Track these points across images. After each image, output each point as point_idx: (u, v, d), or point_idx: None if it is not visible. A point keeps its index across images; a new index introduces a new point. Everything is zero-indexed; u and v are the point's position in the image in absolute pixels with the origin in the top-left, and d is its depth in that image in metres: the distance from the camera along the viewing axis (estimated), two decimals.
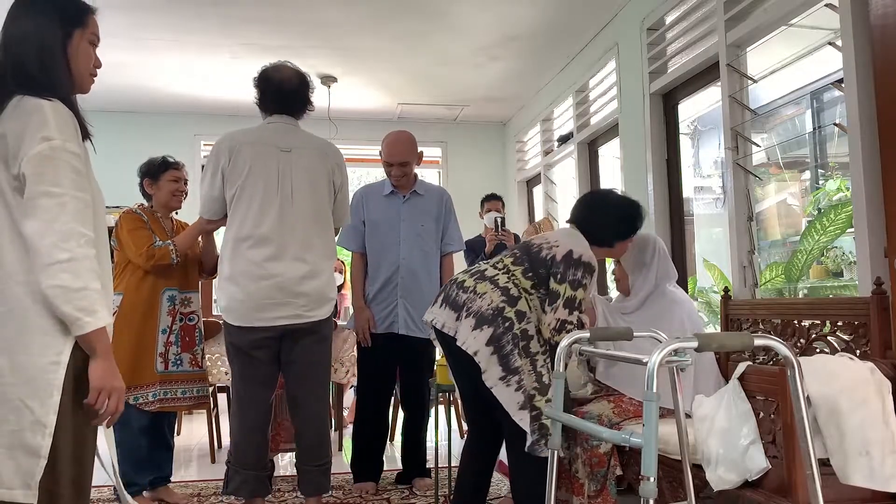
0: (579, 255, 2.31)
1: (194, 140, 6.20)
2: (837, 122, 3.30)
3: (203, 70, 5.14)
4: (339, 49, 4.76)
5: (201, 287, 3.35)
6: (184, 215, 3.44)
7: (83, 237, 1.46)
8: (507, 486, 3.37)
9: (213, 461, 4.04)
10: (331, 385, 3.95)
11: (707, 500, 2.03)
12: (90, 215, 1.52)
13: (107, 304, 1.54)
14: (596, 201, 2.56)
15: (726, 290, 2.98)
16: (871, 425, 1.82)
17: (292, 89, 2.73)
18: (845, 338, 2.28)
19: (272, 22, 4.31)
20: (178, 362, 3.10)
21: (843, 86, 2.49)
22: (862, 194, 2.36)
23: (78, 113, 1.57)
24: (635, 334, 2.03)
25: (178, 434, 4.15)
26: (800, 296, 3.43)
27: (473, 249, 4.33)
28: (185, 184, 3.28)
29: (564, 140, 5.31)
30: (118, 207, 3.53)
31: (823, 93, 4.01)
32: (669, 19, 3.79)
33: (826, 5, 2.61)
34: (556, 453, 1.95)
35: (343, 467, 3.76)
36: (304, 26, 4.38)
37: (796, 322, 2.49)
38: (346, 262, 4.66)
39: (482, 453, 2.51)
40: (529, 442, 2.24)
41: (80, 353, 1.49)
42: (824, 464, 1.82)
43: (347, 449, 4.20)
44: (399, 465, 3.56)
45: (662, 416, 2.14)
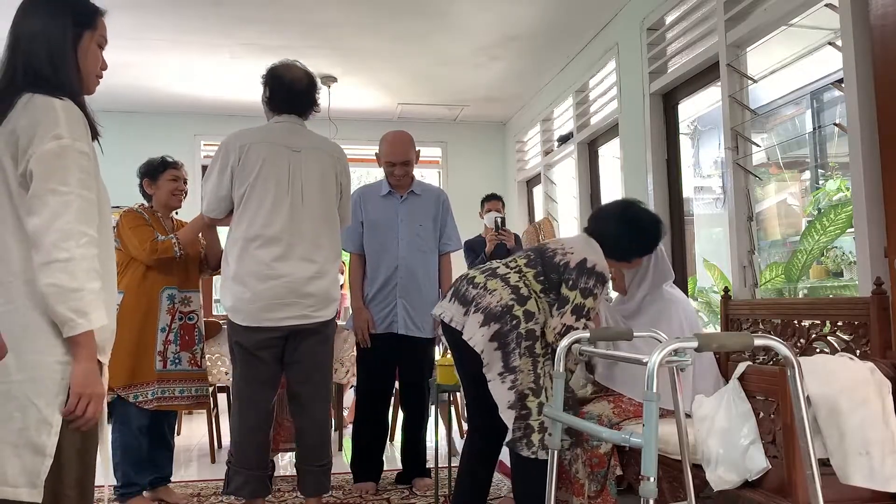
0: (593, 264, 2.30)
1: (194, 140, 6.20)
2: (837, 122, 3.30)
3: (203, 70, 5.14)
4: (339, 49, 4.76)
5: (202, 287, 3.35)
6: (184, 215, 3.43)
7: (84, 237, 1.45)
8: (508, 485, 3.37)
9: (213, 461, 4.04)
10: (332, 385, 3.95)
11: (707, 500, 2.03)
12: (95, 215, 1.51)
13: (108, 305, 1.53)
14: (617, 216, 2.47)
15: (726, 290, 2.98)
16: (871, 425, 1.82)
17: (302, 90, 2.73)
18: (845, 338, 2.28)
19: (272, 22, 4.31)
20: (177, 361, 3.10)
21: (843, 86, 2.49)
22: (862, 194, 2.37)
23: (87, 113, 1.56)
24: (635, 334, 2.04)
25: (178, 434, 4.15)
26: (800, 296, 3.43)
27: (473, 249, 4.32)
28: (185, 183, 3.29)
29: (564, 140, 5.31)
30: (118, 207, 3.51)
31: (823, 93, 4.01)
32: (669, 19, 3.79)
33: (826, 5, 2.61)
34: (556, 453, 1.95)
35: (343, 467, 3.76)
36: (303, 26, 4.38)
37: (796, 322, 2.49)
38: (346, 263, 4.67)
39: (482, 453, 2.51)
40: (509, 438, 2.27)
41: None
42: (824, 464, 1.82)
43: (347, 449, 4.20)
44: (399, 465, 3.56)
45: (662, 416, 2.14)
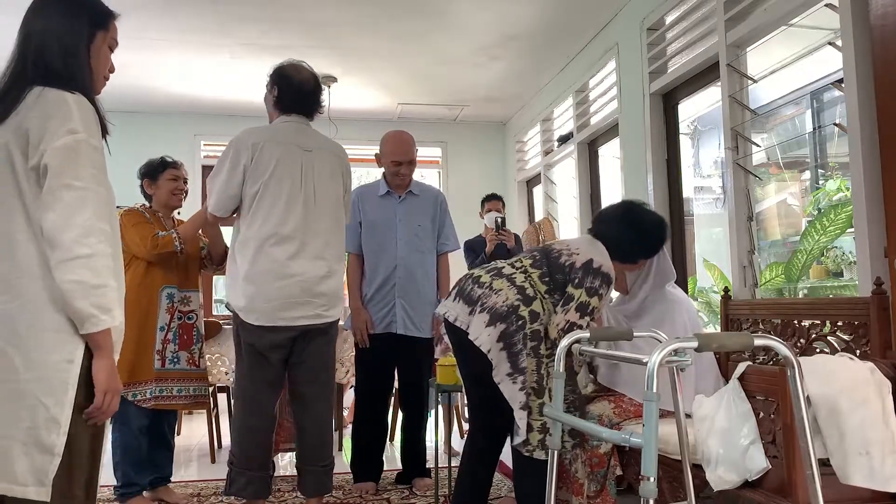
0: (599, 265, 2.31)
1: (194, 140, 6.20)
2: (837, 122, 3.30)
3: (203, 70, 5.14)
4: (339, 49, 4.76)
5: (202, 287, 3.35)
6: (185, 215, 3.43)
7: (103, 233, 1.45)
8: (508, 485, 3.37)
9: (213, 461, 4.04)
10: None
11: (707, 500, 2.03)
12: (108, 211, 1.51)
13: (121, 303, 1.53)
14: (621, 218, 2.48)
15: (726, 290, 2.98)
16: (871, 425, 1.82)
17: (310, 90, 2.76)
18: (845, 338, 2.28)
19: (272, 22, 4.31)
20: (176, 360, 3.10)
21: (843, 86, 2.49)
22: (862, 194, 2.36)
23: (99, 110, 1.56)
24: (635, 334, 2.04)
25: (177, 434, 4.15)
26: (800, 296, 3.43)
27: (473, 249, 4.32)
28: (185, 182, 3.28)
29: (564, 140, 5.31)
30: (119, 207, 3.52)
31: (823, 93, 4.01)
32: (669, 19, 3.79)
33: (826, 5, 2.61)
34: (556, 453, 1.95)
35: (343, 467, 3.76)
36: (303, 26, 4.38)
37: (796, 322, 2.49)
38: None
39: (483, 453, 2.50)
40: (519, 440, 2.26)
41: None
42: (824, 464, 1.81)
43: (347, 449, 4.19)
44: (399, 465, 3.56)
45: (662, 416, 2.14)
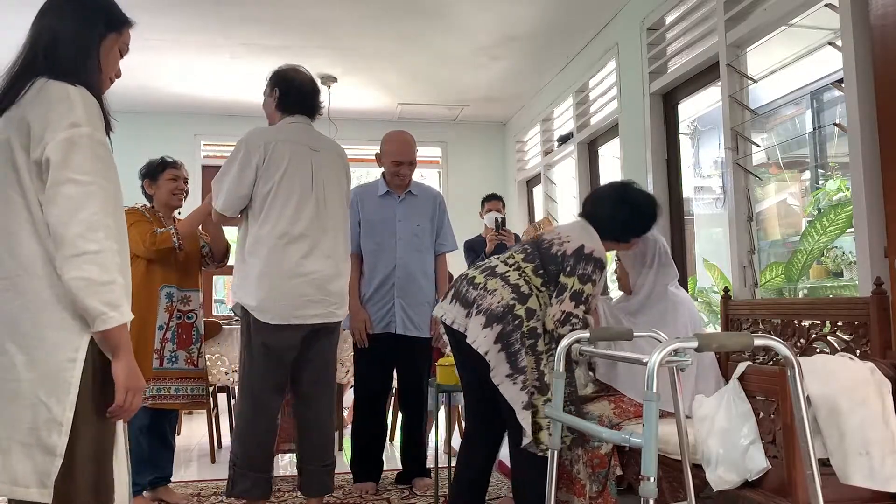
0: (590, 250, 2.30)
1: (194, 140, 6.20)
2: (837, 122, 3.30)
3: (203, 70, 5.14)
4: (339, 49, 4.76)
5: (202, 287, 3.34)
6: (185, 215, 3.43)
7: (109, 229, 1.41)
8: (508, 485, 3.37)
9: (213, 461, 4.04)
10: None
11: (707, 500, 2.03)
12: (114, 206, 1.48)
13: (129, 299, 1.49)
14: (614, 196, 2.48)
15: (726, 290, 2.98)
16: (871, 425, 1.82)
17: (310, 90, 2.81)
18: (845, 338, 2.28)
19: (272, 22, 4.31)
20: (174, 360, 3.10)
21: (843, 86, 2.49)
22: (862, 194, 2.36)
23: (104, 106, 1.55)
24: (635, 334, 2.03)
25: (178, 434, 4.15)
26: (800, 296, 3.43)
27: (473, 249, 4.32)
28: (185, 182, 3.28)
29: (564, 140, 5.31)
30: None
31: (823, 93, 4.01)
32: (669, 19, 3.79)
33: (826, 5, 2.61)
34: (556, 453, 1.95)
35: (343, 467, 3.76)
36: (304, 26, 4.37)
37: (796, 322, 2.49)
38: None
39: (480, 453, 2.50)
40: (527, 441, 2.25)
41: (99, 350, 1.44)
42: (824, 464, 1.81)
43: (347, 449, 4.19)
44: (399, 465, 3.56)
45: (662, 416, 2.14)
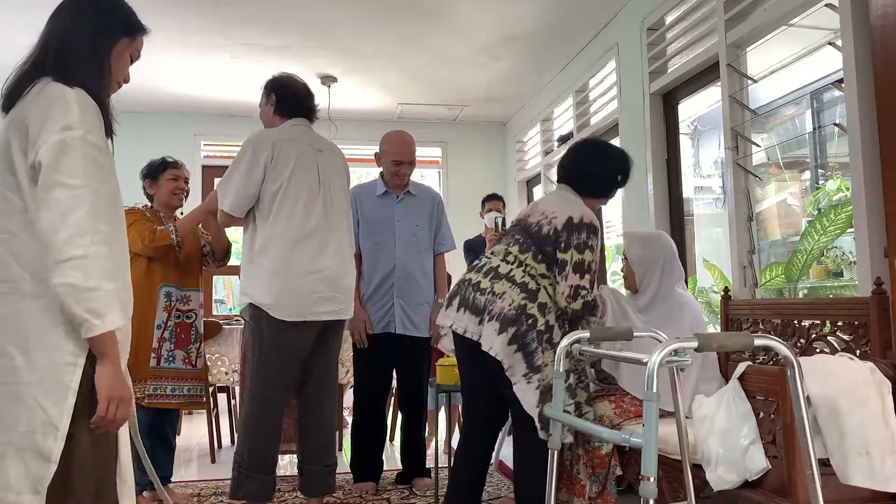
0: (579, 217, 2.29)
1: (194, 140, 6.20)
2: (837, 122, 3.30)
3: (203, 70, 5.14)
4: (339, 49, 4.76)
5: (202, 286, 3.34)
6: None
7: (98, 234, 1.38)
8: (507, 486, 3.37)
9: (213, 461, 4.04)
10: None
11: (707, 500, 2.03)
12: (107, 211, 1.45)
13: (122, 305, 1.47)
14: (588, 151, 2.52)
15: (726, 290, 2.98)
16: (871, 425, 1.82)
17: (306, 94, 2.86)
18: (845, 338, 2.28)
19: (272, 22, 4.31)
20: (171, 359, 3.10)
21: (843, 86, 2.49)
22: (862, 194, 2.36)
23: (108, 109, 1.55)
24: (635, 334, 2.03)
25: (178, 434, 4.14)
26: (800, 296, 3.43)
27: (473, 249, 4.32)
28: (186, 182, 3.28)
29: (564, 140, 5.31)
30: None
31: (823, 93, 4.00)
32: (669, 19, 3.79)
33: (826, 5, 2.61)
34: (556, 453, 1.95)
35: (343, 467, 3.76)
36: (304, 26, 4.38)
37: (796, 322, 2.49)
38: None
39: (480, 453, 2.50)
40: (543, 435, 2.21)
41: None
42: (824, 464, 1.81)
43: (347, 449, 4.19)
44: (399, 465, 3.56)
45: (662, 416, 2.14)
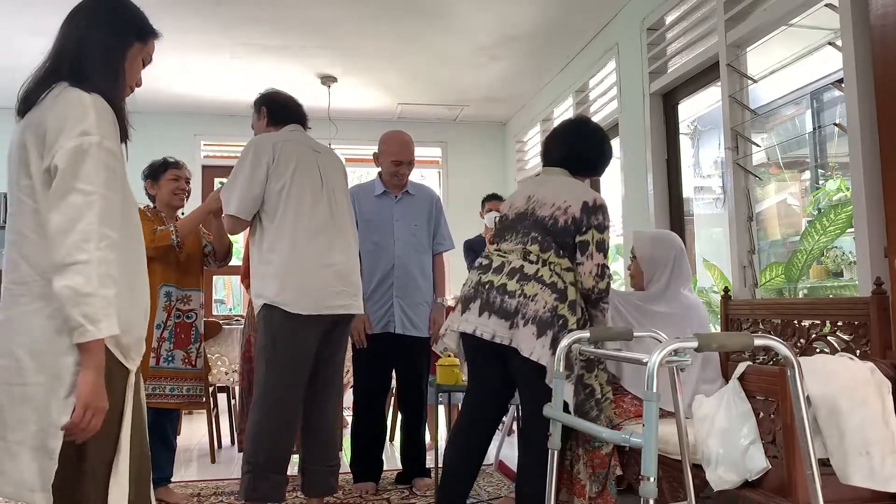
0: (593, 200, 2.35)
1: (194, 140, 6.20)
2: (837, 122, 3.30)
3: (203, 70, 5.14)
4: (339, 49, 4.76)
5: (203, 286, 3.34)
6: None
7: (105, 239, 1.40)
8: (508, 486, 3.37)
9: (213, 461, 4.04)
10: None
11: (707, 500, 2.03)
12: (118, 216, 1.47)
13: (135, 310, 1.48)
14: (584, 135, 2.59)
15: (726, 290, 2.98)
16: (871, 425, 1.82)
17: (296, 104, 2.91)
18: (845, 338, 2.28)
19: (272, 22, 4.31)
20: (170, 359, 3.10)
21: (843, 86, 2.49)
22: (862, 194, 2.37)
23: (123, 114, 1.55)
24: (635, 334, 2.04)
25: (178, 434, 4.15)
26: (800, 296, 3.43)
27: (473, 249, 4.32)
28: (187, 182, 3.28)
29: None
30: None
31: (823, 93, 4.00)
32: (669, 19, 3.79)
33: (826, 5, 2.61)
34: (556, 453, 1.95)
35: (343, 467, 3.75)
36: (304, 26, 4.38)
37: (796, 322, 2.49)
38: None
39: (476, 450, 2.50)
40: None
41: (107, 359, 1.43)
42: (824, 464, 1.82)
43: (348, 449, 4.19)
44: (399, 465, 3.56)
45: (662, 416, 2.15)
